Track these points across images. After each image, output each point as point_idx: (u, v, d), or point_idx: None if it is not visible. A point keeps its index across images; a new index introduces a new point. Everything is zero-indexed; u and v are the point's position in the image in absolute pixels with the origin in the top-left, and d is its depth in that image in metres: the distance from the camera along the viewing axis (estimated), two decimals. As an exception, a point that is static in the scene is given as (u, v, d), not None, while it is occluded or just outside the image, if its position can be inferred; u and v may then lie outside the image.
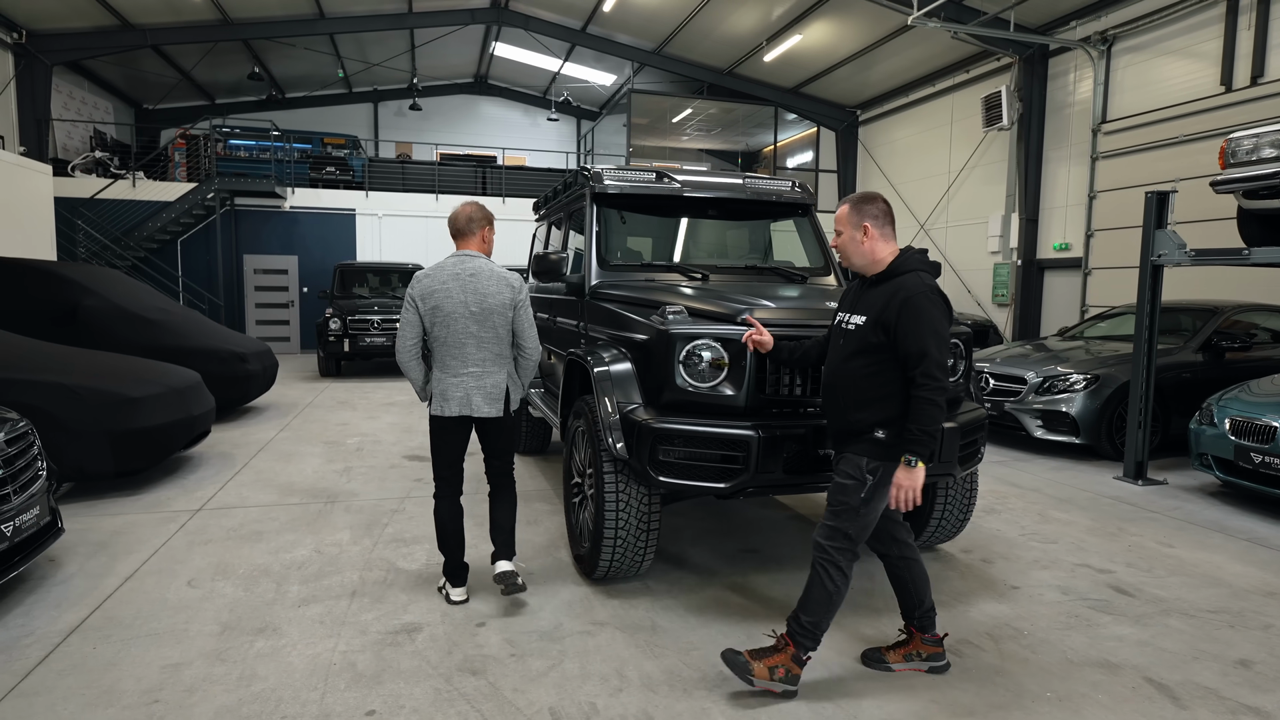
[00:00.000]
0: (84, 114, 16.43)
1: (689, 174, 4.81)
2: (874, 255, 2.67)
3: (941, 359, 2.47)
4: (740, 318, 3.17)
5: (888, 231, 2.67)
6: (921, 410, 2.46)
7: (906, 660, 2.88)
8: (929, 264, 2.65)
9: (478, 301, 3.28)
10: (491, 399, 3.38)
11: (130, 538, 4.22)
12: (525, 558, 4.03)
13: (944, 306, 2.57)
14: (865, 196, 2.69)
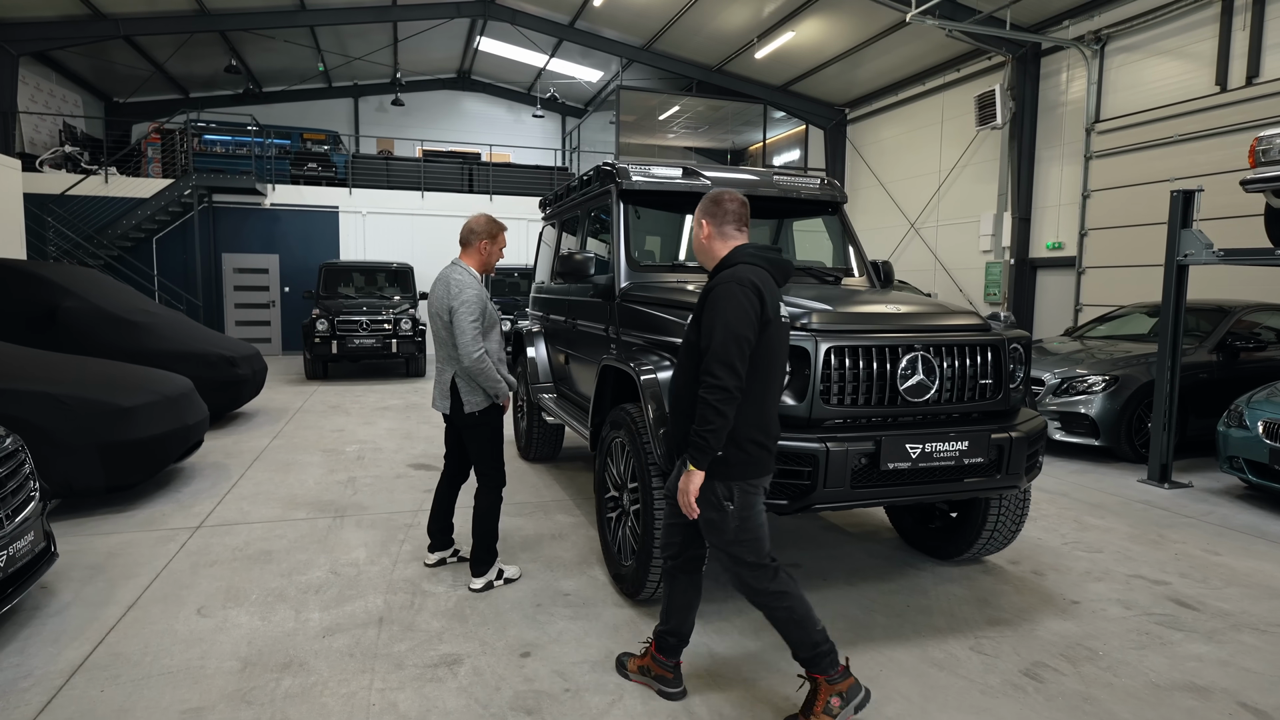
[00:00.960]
0: (52, 107, 15.79)
1: (717, 170, 4.61)
2: (710, 252, 2.56)
3: (725, 355, 2.23)
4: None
5: (727, 229, 2.50)
6: (700, 412, 2.26)
7: (641, 673, 2.74)
8: (766, 259, 2.41)
9: (436, 305, 3.58)
10: (442, 395, 3.65)
11: (128, 559, 3.92)
12: (555, 575, 3.80)
13: (751, 301, 2.27)
14: (712, 194, 2.54)
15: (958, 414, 3.16)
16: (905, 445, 2.93)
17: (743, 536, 2.41)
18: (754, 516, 2.42)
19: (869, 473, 2.95)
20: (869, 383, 3.01)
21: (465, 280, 3.48)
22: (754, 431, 2.34)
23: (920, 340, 3.07)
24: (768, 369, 2.37)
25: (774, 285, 2.40)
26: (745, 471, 2.36)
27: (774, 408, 2.43)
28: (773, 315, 2.35)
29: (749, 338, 2.25)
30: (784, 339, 2.44)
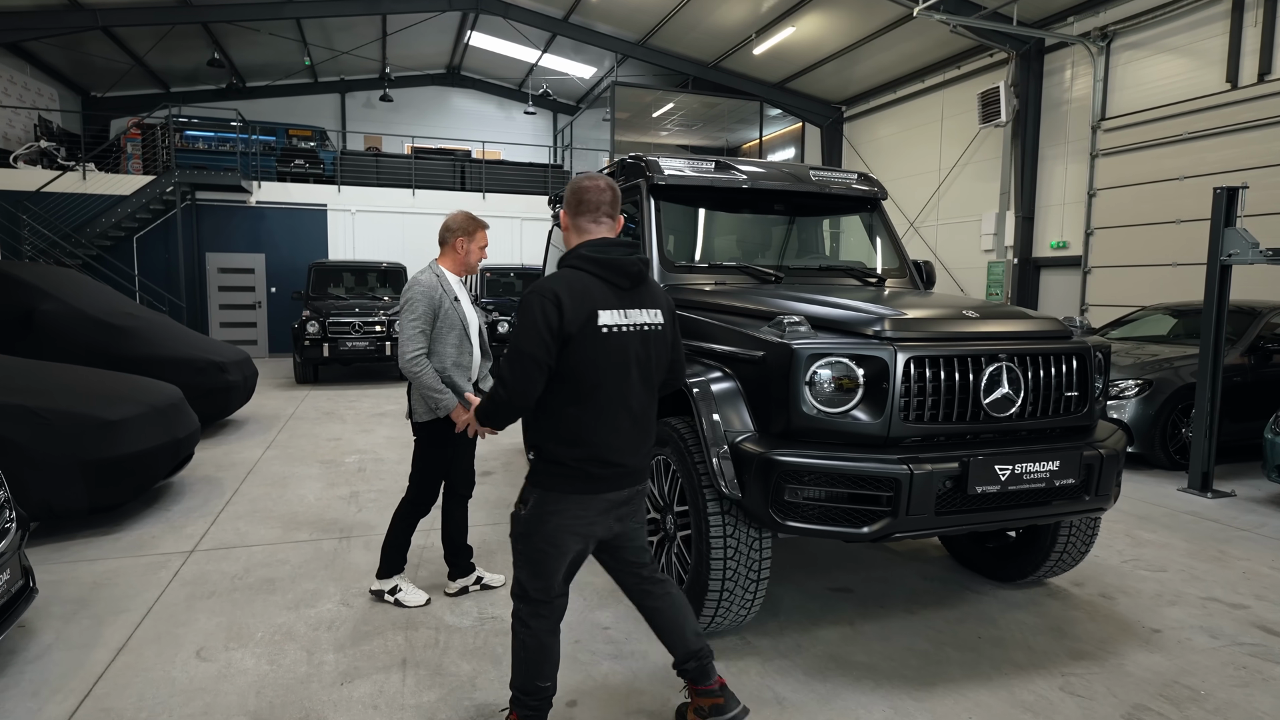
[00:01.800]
0: (26, 100, 15.20)
1: (750, 164, 4.31)
2: (567, 245, 2.30)
3: (507, 369, 2.07)
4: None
5: (583, 221, 2.23)
6: (483, 401, 2.27)
7: (697, 715, 2.40)
8: (597, 260, 2.13)
9: None
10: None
11: (115, 591, 3.55)
12: (589, 603, 3.48)
13: (547, 315, 2.04)
14: (576, 181, 2.28)
15: (1042, 430, 2.88)
16: (994, 467, 2.65)
17: (522, 545, 2.23)
18: (543, 535, 2.18)
19: (954, 497, 2.66)
20: (950, 397, 2.72)
21: (418, 279, 3.28)
22: (560, 448, 2.13)
23: (1005, 349, 2.78)
24: (577, 384, 2.11)
25: (600, 292, 2.11)
26: (546, 481, 2.17)
27: (593, 424, 2.13)
28: (579, 329, 2.06)
29: (535, 356, 2.04)
30: (609, 349, 2.11)
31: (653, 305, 2.22)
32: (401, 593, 3.46)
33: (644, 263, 2.21)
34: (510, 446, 6.83)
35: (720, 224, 4.38)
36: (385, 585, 3.49)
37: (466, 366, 3.38)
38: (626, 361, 2.13)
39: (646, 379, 2.21)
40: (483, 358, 3.55)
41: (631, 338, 2.14)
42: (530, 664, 2.26)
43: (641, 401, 2.20)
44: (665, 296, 2.31)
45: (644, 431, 2.23)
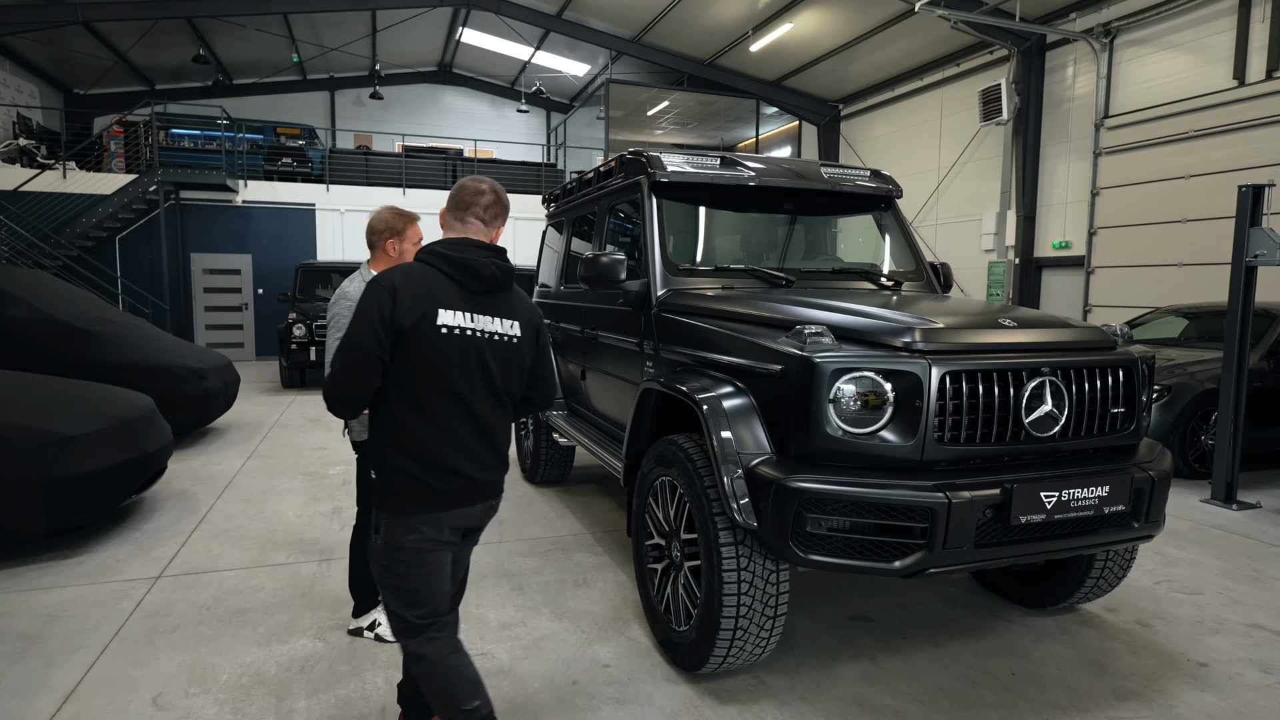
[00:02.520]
0: (5, 97, 14.80)
1: (757, 161, 4.04)
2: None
3: (340, 349, 1.93)
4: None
5: (453, 219, 2.13)
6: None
7: None
8: (447, 256, 2.00)
9: None
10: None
11: (69, 625, 3.25)
12: (588, 637, 3.20)
13: (381, 304, 1.91)
14: (463, 180, 2.19)
15: (1086, 451, 2.62)
16: (1040, 493, 2.38)
17: (387, 578, 2.03)
18: (404, 559, 2.00)
19: (995, 528, 2.40)
20: (989, 415, 2.46)
21: (345, 292, 3.01)
22: (398, 457, 1.97)
23: (1049, 362, 2.52)
24: (414, 386, 1.96)
25: (445, 290, 1.98)
26: (389, 501, 2.00)
27: (433, 431, 1.98)
28: (414, 323, 1.92)
29: (364, 348, 1.91)
30: (449, 351, 1.96)
31: (510, 316, 2.09)
32: (381, 627, 3.17)
33: (501, 269, 2.05)
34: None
35: (726, 224, 4.11)
36: (363, 621, 3.20)
37: None
38: (470, 368, 1.99)
39: (495, 392, 2.05)
40: None
41: (478, 344, 2.00)
42: (446, 693, 2.04)
43: (490, 415, 2.05)
44: (532, 311, 2.17)
45: (492, 446, 2.08)
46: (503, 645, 3.11)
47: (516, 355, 2.09)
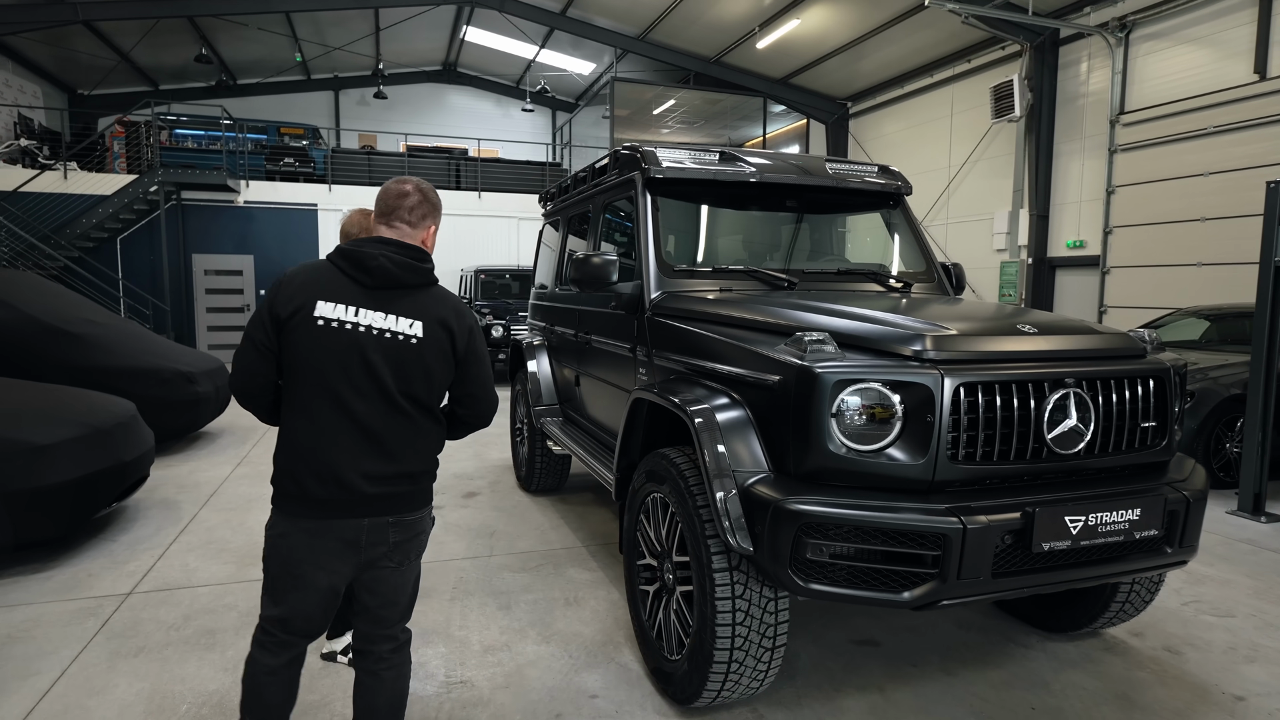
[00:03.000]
0: (8, 98, 14.75)
1: (759, 156, 3.83)
2: None
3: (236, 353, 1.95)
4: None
5: (379, 224, 2.05)
6: None
7: None
8: (343, 251, 1.93)
9: None
10: None
11: (30, 648, 3.08)
12: (575, 662, 3.00)
13: (270, 298, 1.91)
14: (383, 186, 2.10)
15: (1113, 469, 2.40)
16: (1064, 517, 2.17)
17: (265, 568, 1.98)
18: (278, 561, 1.94)
19: (1015, 555, 2.18)
20: (1008, 431, 2.24)
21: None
22: (280, 456, 1.95)
23: (1074, 372, 2.30)
24: (290, 382, 1.92)
25: (334, 283, 1.91)
26: (275, 499, 1.96)
27: (307, 431, 1.90)
28: (290, 314, 1.87)
29: (254, 337, 1.91)
30: (325, 345, 1.87)
31: (412, 314, 1.92)
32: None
33: (396, 263, 1.92)
34: (500, 462, 6.36)
35: (725, 223, 3.90)
36: (337, 645, 3.02)
37: None
38: (350, 364, 1.87)
39: (387, 395, 1.89)
40: None
41: (359, 340, 1.87)
42: (245, 695, 2.01)
43: (379, 420, 1.90)
44: (448, 314, 1.97)
45: (383, 455, 1.91)
46: (484, 672, 2.92)
47: (416, 358, 1.91)
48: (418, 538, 2.03)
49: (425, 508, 2.04)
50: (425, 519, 2.05)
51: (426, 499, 2.05)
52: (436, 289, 2.00)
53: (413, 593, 2.08)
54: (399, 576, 2.01)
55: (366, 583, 1.98)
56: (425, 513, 2.05)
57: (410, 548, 2.01)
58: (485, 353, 2.04)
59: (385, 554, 1.95)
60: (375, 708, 2.02)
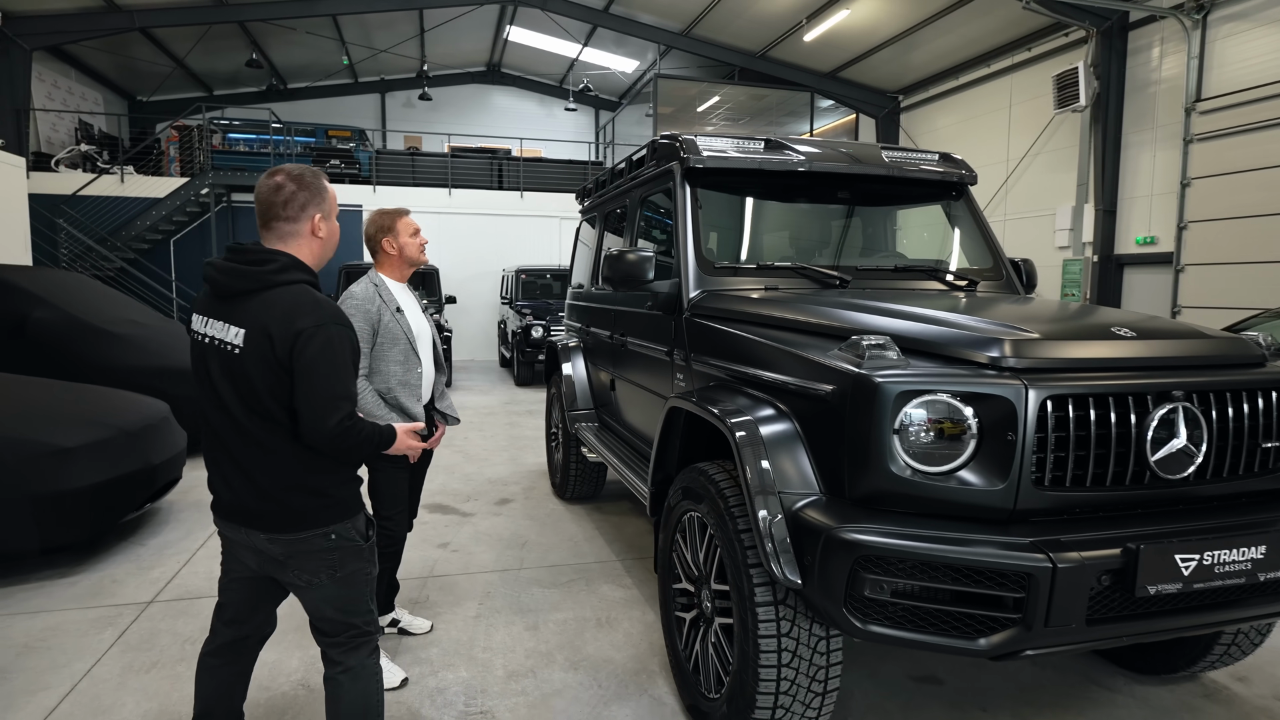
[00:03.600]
0: (71, 105, 15.25)
1: (809, 144, 3.54)
2: None
3: None
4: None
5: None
6: None
7: None
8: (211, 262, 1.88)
9: None
10: None
11: (44, 659, 2.98)
12: (604, 691, 2.76)
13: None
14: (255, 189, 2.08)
15: (1229, 497, 2.06)
16: (1175, 555, 1.83)
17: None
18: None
19: (1114, 599, 1.86)
20: (1104, 452, 1.92)
21: (351, 293, 2.89)
22: None
23: (1183, 383, 1.97)
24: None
25: (202, 293, 1.90)
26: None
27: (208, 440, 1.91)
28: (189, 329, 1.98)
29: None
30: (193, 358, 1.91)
31: (240, 323, 1.79)
32: (405, 620, 2.83)
33: (223, 270, 1.81)
34: (536, 467, 6.17)
35: (771, 216, 3.62)
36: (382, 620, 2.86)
37: (415, 385, 2.88)
38: (202, 377, 1.87)
39: (225, 407, 1.81)
40: (437, 372, 3.09)
41: (204, 351, 1.85)
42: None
43: (229, 433, 1.83)
44: (272, 319, 1.76)
45: (238, 469, 1.84)
46: (507, 702, 2.70)
47: (240, 368, 1.77)
48: (313, 557, 1.87)
49: (309, 530, 1.85)
50: (314, 540, 1.86)
51: (306, 521, 1.85)
52: (279, 291, 1.79)
53: (340, 611, 1.93)
54: (308, 596, 1.91)
55: (291, 591, 1.95)
56: (311, 534, 1.85)
57: (307, 567, 1.87)
58: (321, 362, 1.75)
59: (279, 567, 1.88)
60: (336, 714, 1.96)
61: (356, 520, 1.94)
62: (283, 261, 1.83)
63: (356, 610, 1.95)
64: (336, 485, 1.89)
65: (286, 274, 1.82)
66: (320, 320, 1.77)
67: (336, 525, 1.88)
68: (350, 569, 1.92)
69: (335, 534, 1.88)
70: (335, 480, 1.89)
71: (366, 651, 1.98)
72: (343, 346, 1.80)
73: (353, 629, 1.95)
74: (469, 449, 6.88)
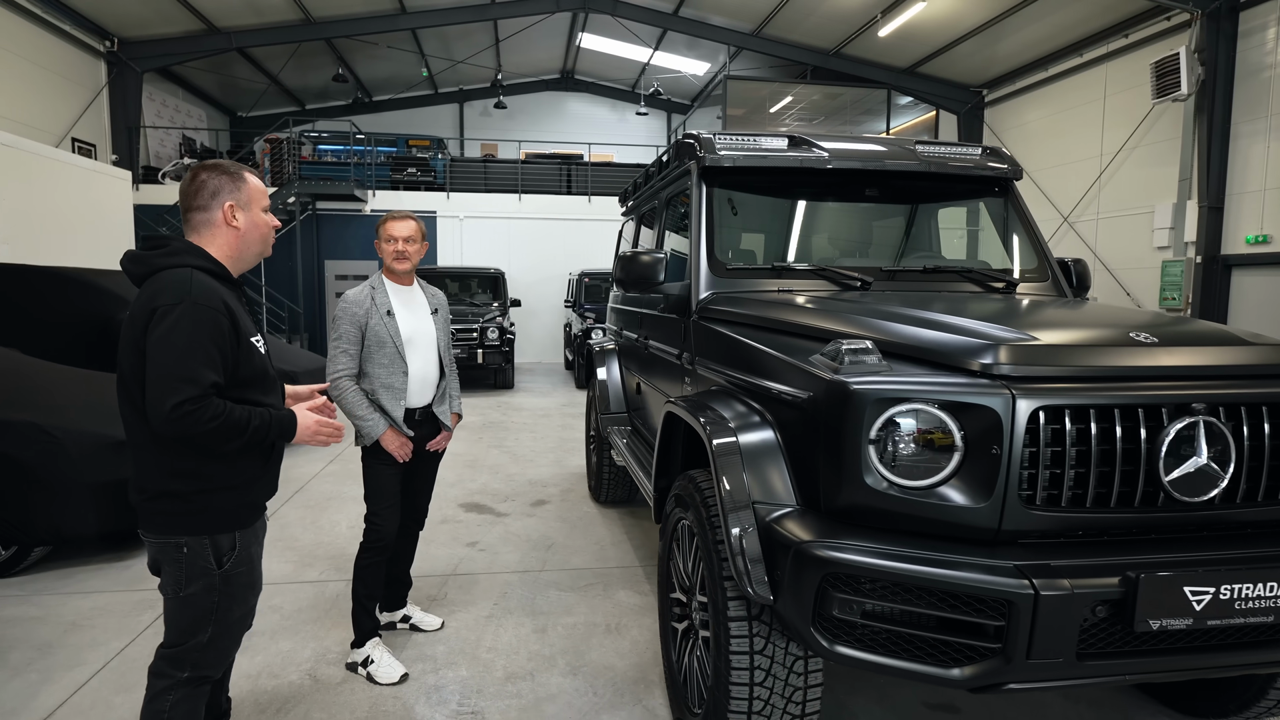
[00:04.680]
0: (177, 121, 16.45)
1: (836, 140, 3.39)
2: None
3: None
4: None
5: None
6: None
7: None
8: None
9: None
10: None
11: (85, 636, 3.19)
12: (600, 698, 2.71)
13: None
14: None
15: (1266, 524, 1.82)
16: (1184, 587, 1.63)
17: None
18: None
19: (1110, 633, 1.67)
20: (1107, 470, 1.74)
21: (346, 295, 2.98)
22: None
23: (1204, 394, 1.76)
24: None
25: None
26: None
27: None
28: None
29: None
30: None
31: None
32: (374, 665, 2.87)
33: (125, 258, 1.85)
34: (579, 470, 6.19)
35: (795, 216, 3.48)
36: (358, 656, 2.91)
37: (398, 389, 2.90)
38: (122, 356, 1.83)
39: (120, 393, 1.81)
40: (442, 376, 3.09)
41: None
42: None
43: (126, 421, 1.83)
44: (141, 301, 1.76)
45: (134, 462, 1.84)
46: (498, 704, 2.69)
47: (119, 354, 1.78)
48: (168, 565, 1.82)
49: (163, 536, 1.80)
50: (168, 548, 1.80)
51: (161, 525, 1.80)
52: (163, 275, 1.76)
53: (172, 628, 1.86)
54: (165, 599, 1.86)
55: None
56: (165, 541, 1.80)
57: (165, 574, 1.84)
58: (167, 339, 1.67)
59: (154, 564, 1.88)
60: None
61: (218, 540, 1.83)
62: (174, 247, 1.82)
63: (173, 634, 1.85)
64: (197, 492, 1.79)
65: (174, 258, 1.79)
66: (178, 298, 1.70)
67: (189, 539, 1.80)
68: (193, 591, 1.81)
69: (186, 548, 1.80)
70: (196, 485, 1.79)
71: (161, 685, 1.86)
72: (197, 327, 1.69)
73: (168, 652, 1.86)
74: (518, 450, 6.97)
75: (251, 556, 1.94)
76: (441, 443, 3.12)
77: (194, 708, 1.90)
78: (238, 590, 1.89)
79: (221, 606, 1.87)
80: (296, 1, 13.43)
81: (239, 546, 1.88)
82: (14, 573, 3.84)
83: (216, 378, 1.72)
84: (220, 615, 1.87)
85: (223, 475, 1.83)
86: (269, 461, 1.95)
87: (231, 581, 1.87)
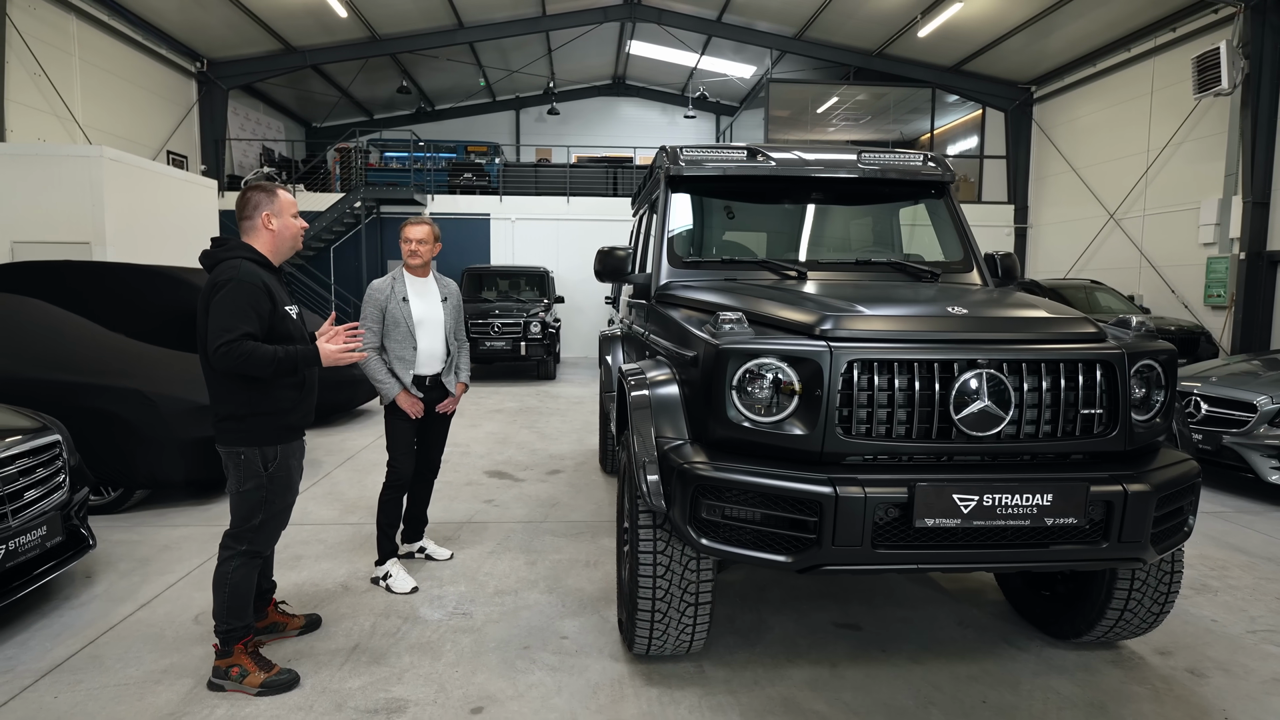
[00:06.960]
0: (258, 134, 17.93)
1: (790, 150, 3.93)
2: None
3: None
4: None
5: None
6: None
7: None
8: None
9: None
10: None
11: (175, 554, 4.02)
12: (565, 610, 3.35)
13: None
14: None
15: (1049, 455, 2.31)
16: (953, 495, 2.16)
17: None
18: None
19: (899, 530, 2.21)
20: (908, 409, 2.27)
21: (373, 284, 3.70)
22: None
23: (986, 353, 2.27)
24: None
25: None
26: None
27: None
28: None
29: None
30: None
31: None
32: (391, 579, 3.58)
33: (202, 255, 2.64)
34: (592, 447, 6.84)
35: (749, 216, 4.05)
36: (379, 571, 3.63)
37: (409, 360, 3.64)
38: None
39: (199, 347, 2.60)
40: (449, 352, 3.76)
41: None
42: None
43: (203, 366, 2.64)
44: (207, 282, 2.57)
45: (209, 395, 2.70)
46: (485, 609, 3.36)
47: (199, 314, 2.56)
48: (231, 468, 2.61)
49: (227, 446, 2.59)
50: (231, 455, 2.60)
51: (226, 438, 2.59)
52: (222, 264, 2.53)
53: (232, 512, 2.67)
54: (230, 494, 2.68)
55: None
56: (229, 450, 2.60)
57: (230, 474, 2.63)
58: (219, 303, 2.46)
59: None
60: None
61: (265, 450, 2.60)
62: (231, 244, 2.63)
63: (235, 520, 2.66)
64: (249, 414, 2.56)
65: (231, 252, 2.59)
66: (230, 278, 2.49)
67: (245, 449, 2.58)
68: (248, 487, 2.61)
69: (243, 455, 2.59)
70: (247, 409, 2.55)
71: (226, 555, 2.67)
72: (239, 296, 2.46)
73: (232, 532, 2.67)
74: (546, 430, 7.68)
75: (290, 466, 2.69)
76: (449, 405, 3.81)
77: (249, 574, 2.69)
78: (279, 488, 2.68)
79: (268, 500, 2.66)
80: (363, 20, 14.57)
81: (279, 457, 2.66)
82: (121, 510, 4.74)
83: (249, 329, 2.47)
84: (267, 506, 2.67)
85: (266, 404, 2.60)
86: (302, 395, 2.68)
87: (275, 481, 2.66)
